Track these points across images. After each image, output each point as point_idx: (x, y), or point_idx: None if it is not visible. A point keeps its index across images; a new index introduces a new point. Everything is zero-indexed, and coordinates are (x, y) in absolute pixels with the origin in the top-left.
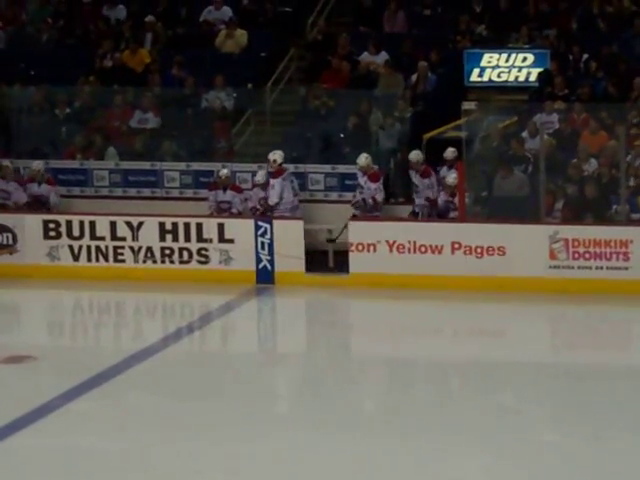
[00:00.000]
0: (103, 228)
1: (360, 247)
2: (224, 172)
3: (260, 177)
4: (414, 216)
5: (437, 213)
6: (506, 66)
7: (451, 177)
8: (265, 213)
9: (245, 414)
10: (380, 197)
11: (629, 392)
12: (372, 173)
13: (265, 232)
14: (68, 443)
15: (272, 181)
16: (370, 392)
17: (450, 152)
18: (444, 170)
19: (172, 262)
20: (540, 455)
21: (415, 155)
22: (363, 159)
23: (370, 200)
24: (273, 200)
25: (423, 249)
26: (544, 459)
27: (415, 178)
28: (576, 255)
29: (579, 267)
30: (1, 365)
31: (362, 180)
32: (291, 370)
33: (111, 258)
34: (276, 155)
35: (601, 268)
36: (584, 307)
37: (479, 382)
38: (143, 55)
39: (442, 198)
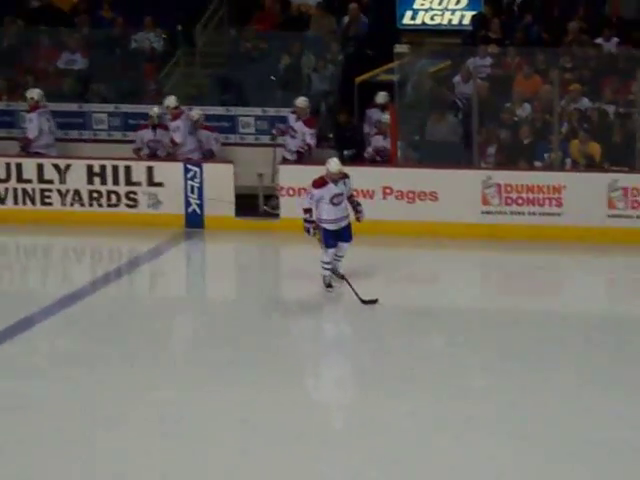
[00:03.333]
0: (30, 171)
1: (291, 191)
2: (155, 110)
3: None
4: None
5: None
6: (439, 9)
7: (385, 117)
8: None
9: (172, 358)
10: (314, 143)
11: (562, 337)
12: (308, 118)
13: (195, 176)
14: None
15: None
16: (298, 337)
17: (381, 96)
18: (372, 112)
19: (100, 205)
20: (475, 400)
21: (303, 101)
22: (303, 101)
23: (306, 147)
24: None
25: (355, 193)
26: (478, 404)
27: (296, 123)
28: (509, 201)
29: (512, 213)
30: None
31: (296, 124)
32: (219, 315)
33: (38, 201)
34: (170, 100)
35: (534, 214)
36: (516, 253)
37: (412, 328)
38: None
39: (374, 144)
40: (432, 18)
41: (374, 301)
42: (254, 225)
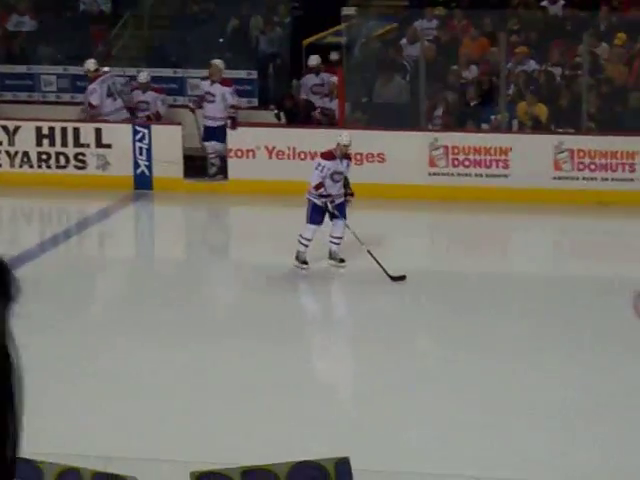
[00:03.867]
0: None
1: (239, 153)
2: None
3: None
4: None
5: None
6: None
7: (333, 78)
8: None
9: (120, 319)
10: (237, 101)
11: (507, 297)
12: (223, 79)
13: (143, 137)
14: None
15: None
16: (246, 297)
17: (313, 59)
18: (307, 78)
19: (49, 167)
20: (419, 357)
21: (217, 63)
22: (217, 63)
23: (232, 110)
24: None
25: (302, 155)
26: (422, 360)
27: (211, 87)
28: (456, 162)
29: (459, 174)
30: None
31: (212, 88)
32: (166, 276)
33: None
34: (89, 64)
35: (481, 175)
36: (464, 214)
37: (357, 289)
38: None
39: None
40: None
41: (402, 277)
42: (202, 187)
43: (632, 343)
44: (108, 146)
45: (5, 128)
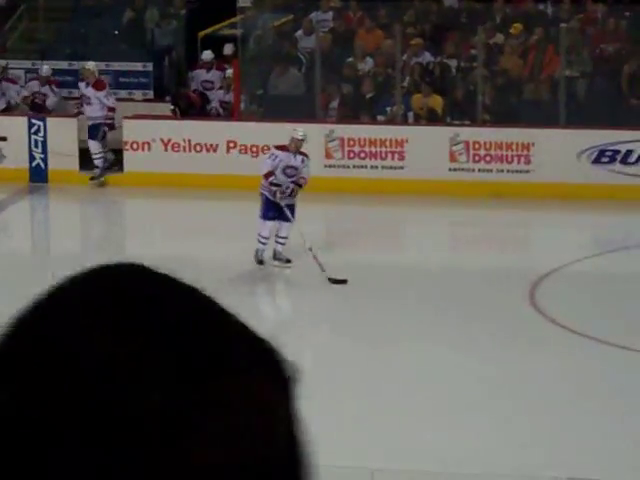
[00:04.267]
0: None
1: (135, 145)
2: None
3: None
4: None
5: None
6: None
7: (229, 71)
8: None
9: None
10: (113, 102)
11: (402, 287)
12: (96, 81)
13: (39, 130)
14: None
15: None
16: None
17: (206, 54)
18: (196, 73)
19: None
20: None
21: (88, 65)
22: (89, 65)
23: (110, 113)
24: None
25: (198, 148)
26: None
27: (86, 89)
28: (351, 154)
29: (354, 166)
30: None
31: (87, 90)
32: (62, 270)
33: None
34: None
35: (376, 167)
36: (358, 206)
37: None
38: None
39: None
40: None
41: (343, 281)
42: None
43: (527, 334)
44: (3, 139)
45: None
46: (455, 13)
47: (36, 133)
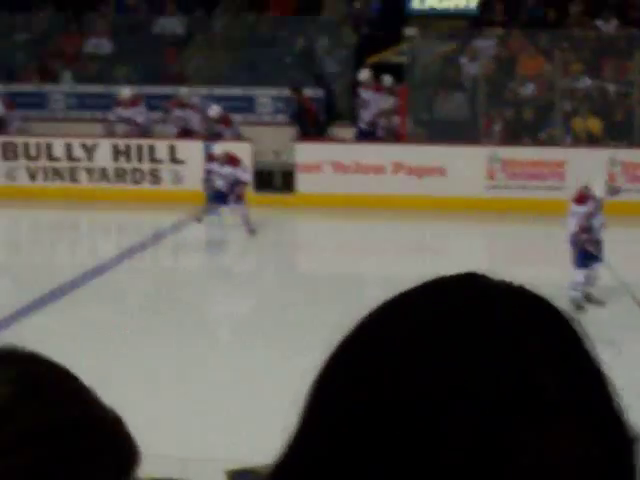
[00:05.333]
0: (59, 150)
1: (306, 167)
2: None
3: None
4: (362, 135)
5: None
6: None
7: (391, 100)
8: None
9: (194, 327)
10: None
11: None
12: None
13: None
14: None
15: None
16: (316, 309)
17: (363, 74)
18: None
19: (125, 182)
20: None
21: (364, 73)
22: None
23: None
24: None
25: (366, 169)
26: None
27: (365, 93)
28: (513, 176)
29: (516, 187)
30: None
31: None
32: (238, 287)
33: (67, 179)
34: None
35: (537, 188)
36: (520, 225)
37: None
38: None
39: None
40: (440, 2)
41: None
42: (271, 200)
43: None
44: (181, 162)
45: (84, 145)
46: (612, 39)
47: None
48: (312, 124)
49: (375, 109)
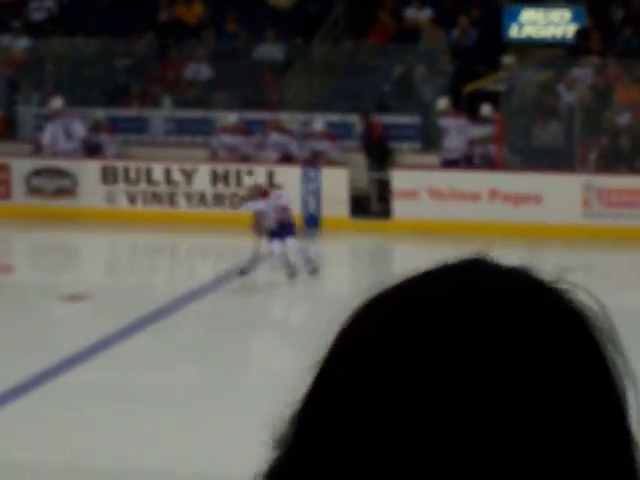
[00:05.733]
0: (158, 174)
1: (402, 194)
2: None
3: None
4: (446, 164)
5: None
6: (543, 22)
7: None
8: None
9: (293, 349)
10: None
11: None
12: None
13: (313, 179)
14: (123, 377)
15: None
16: None
17: (441, 103)
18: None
19: (223, 206)
20: None
21: (442, 102)
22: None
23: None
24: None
25: (462, 196)
26: None
27: (445, 121)
28: (608, 204)
29: (611, 215)
30: (61, 303)
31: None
32: (334, 312)
33: (166, 202)
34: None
35: (633, 216)
36: (617, 253)
37: None
38: (197, 9)
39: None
40: (537, 31)
41: None
42: (368, 226)
43: None
44: (279, 187)
45: (183, 170)
46: None
47: (310, 182)
48: (378, 150)
49: (458, 137)
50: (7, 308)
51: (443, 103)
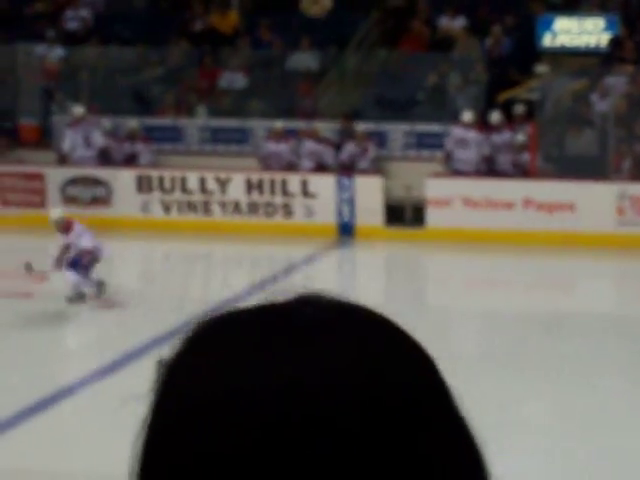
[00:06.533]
0: (193, 183)
1: (436, 202)
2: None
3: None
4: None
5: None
6: (577, 31)
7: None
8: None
9: None
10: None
11: None
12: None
13: (347, 188)
14: None
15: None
16: (447, 342)
17: (466, 115)
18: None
19: (258, 215)
20: (605, 401)
21: (467, 115)
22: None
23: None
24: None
25: (496, 204)
26: (609, 404)
27: (467, 134)
28: None
29: None
30: (97, 311)
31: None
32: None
33: (201, 211)
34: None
35: None
36: None
37: (548, 332)
38: (232, 18)
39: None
40: (571, 40)
41: None
42: (402, 234)
43: None
44: (313, 196)
45: (218, 179)
46: None
47: (345, 191)
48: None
49: (474, 151)
50: (43, 317)
51: (467, 116)
